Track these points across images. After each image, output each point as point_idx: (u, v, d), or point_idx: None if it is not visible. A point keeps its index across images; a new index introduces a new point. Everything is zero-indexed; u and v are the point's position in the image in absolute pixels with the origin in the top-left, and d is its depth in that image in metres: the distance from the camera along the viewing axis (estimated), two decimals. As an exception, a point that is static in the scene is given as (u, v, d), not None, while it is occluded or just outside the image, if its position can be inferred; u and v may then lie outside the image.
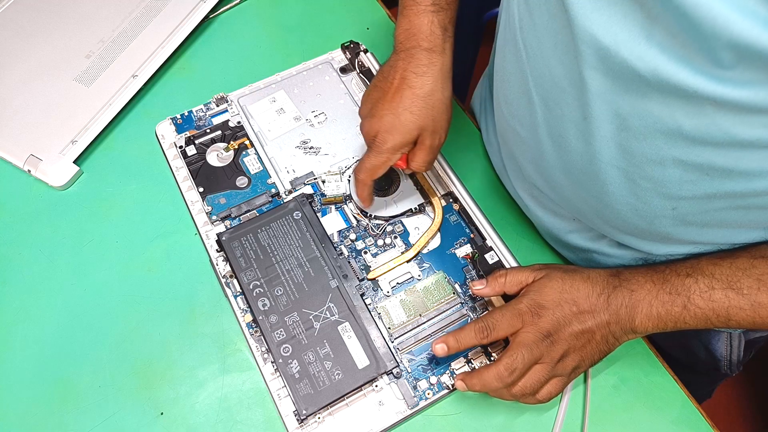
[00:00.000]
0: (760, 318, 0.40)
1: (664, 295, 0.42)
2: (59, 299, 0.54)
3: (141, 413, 0.49)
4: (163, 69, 0.67)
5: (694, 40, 0.30)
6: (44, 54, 0.66)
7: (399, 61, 0.49)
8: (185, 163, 0.59)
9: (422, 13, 0.49)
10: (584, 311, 0.43)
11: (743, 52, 0.29)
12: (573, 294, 0.44)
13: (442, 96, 0.49)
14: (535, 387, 0.44)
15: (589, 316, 0.43)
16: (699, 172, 0.37)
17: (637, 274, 0.44)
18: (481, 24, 1.19)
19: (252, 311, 0.51)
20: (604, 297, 0.44)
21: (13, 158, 0.60)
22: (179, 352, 0.52)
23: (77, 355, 0.52)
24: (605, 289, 0.44)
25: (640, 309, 0.43)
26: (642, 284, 0.43)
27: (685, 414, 0.50)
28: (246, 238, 0.54)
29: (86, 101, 0.63)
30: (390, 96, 0.48)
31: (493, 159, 0.61)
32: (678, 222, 0.41)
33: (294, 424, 0.47)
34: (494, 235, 0.55)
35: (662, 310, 0.42)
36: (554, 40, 0.39)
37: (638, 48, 0.33)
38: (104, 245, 0.57)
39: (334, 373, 0.48)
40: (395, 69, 0.49)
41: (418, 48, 0.49)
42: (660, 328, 0.43)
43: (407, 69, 0.49)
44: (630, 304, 0.43)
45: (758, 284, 0.40)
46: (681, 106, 0.34)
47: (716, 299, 0.41)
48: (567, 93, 0.40)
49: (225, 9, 0.72)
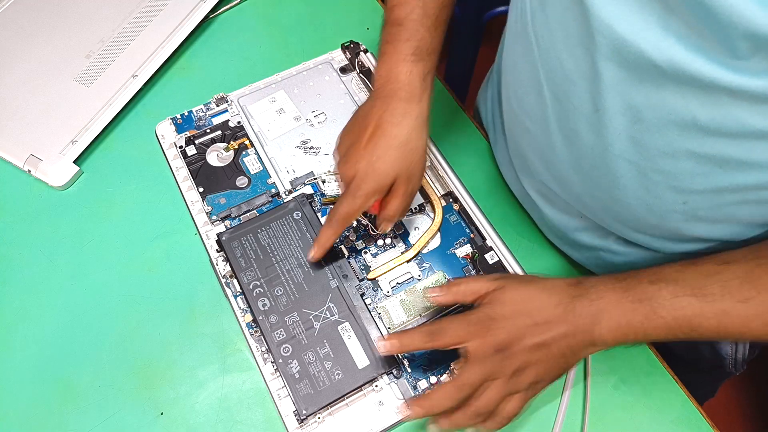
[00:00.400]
0: (724, 327, 0.38)
1: (626, 304, 0.39)
2: (59, 299, 0.54)
3: (141, 413, 0.49)
4: (163, 69, 0.67)
5: (711, 29, 0.30)
6: (44, 54, 0.66)
7: (375, 107, 0.48)
8: (185, 163, 0.59)
9: (402, 62, 0.48)
10: (540, 323, 0.40)
11: (760, 41, 0.29)
12: (528, 305, 0.41)
13: (416, 144, 0.48)
14: (490, 405, 0.40)
15: (545, 328, 0.40)
16: (712, 164, 0.37)
17: (598, 282, 0.41)
18: (481, 24, 1.19)
19: (252, 311, 0.51)
20: (562, 307, 0.41)
21: (13, 158, 0.60)
22: (179, 352, 0.52)
23: (77, 355, 0.52)
24: (563, 299, 0.41)
25: (601, 319, 0.40)
26: (603, 293, 0.40)
27: (685, 414, 0.50)
28: (246, 238, 0.54)
29: (86, 101, 0.63)
30: (365, 142, 0.47)
31: (499, 157, 0.61)
32: (689, 217, 0.41)
33: (294, 424, 0.47)
34: (494, 235, 0.55)
35: (623, 321, 0.39)
36: (566, 32, 0.39)
37: (655, 38, 0.33)
38: (104, 245, 0.57)
39: (334, 373, 0.48)
40: (371, 115, 0.48)
41: (395, 97, 0.48)
42: (620, 340, 0.40)
43: (383, 117, 0.47)
44: (591, 314, 0.40)
45: (722, 290, 0.38)
46: (696, 97, 0.34)
47: (680, 307, 0.38)
48: (578, 86, 0.40)
49: (225, 9, 0.72)
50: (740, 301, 0.37)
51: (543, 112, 0.45)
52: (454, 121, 0.64)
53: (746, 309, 0.37)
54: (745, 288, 0.37)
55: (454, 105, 0.65)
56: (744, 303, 0.37)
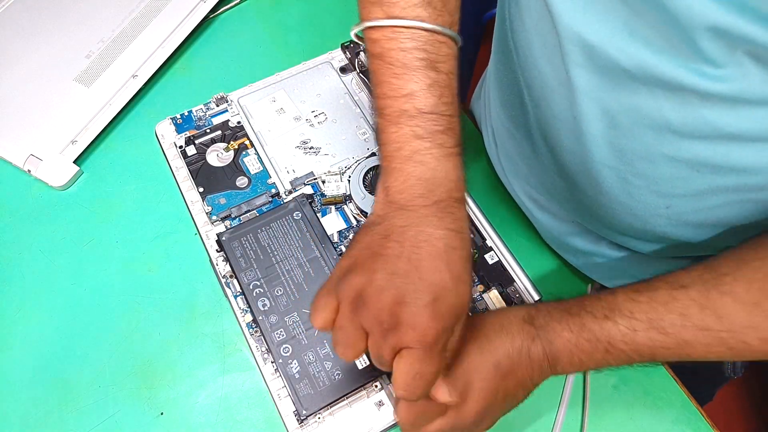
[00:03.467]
0: (686, 354, 0.37)
1: (583, 343, 0.38)
2: (59, 299, 0.54)
3: (141, 413, 0.49)
4: (163, 69, 0.67)
5: (675, 31, 0.30)
6: (44, 54, 0.66)
7: (425, 218, 0.35)
8: (185, 163, 0.59)
9: (449, 156, 0.37)
10: (507, 374, 0.39)
11: (721, 37, 0.29)
12: (495, 355, 0.39)
13: None
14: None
15: (512, 377, 0.39)
16: (689, 168, 0.36)
17: (551, 320, 0.39)
18: (481, 24, 1.19)
19: (252, 311, 0.51)
20: (525, 352, 0.39)
21: (13, 158, 0.60)
22: (179, 352, 0.52)
23: (77, 355, 0.52)
24: (524, 342, 0.39)
25: (560, 360, 0.39)
26: (559, 333, 0.39)
27: (685, 414, 0.50)
28: (246, 238, 0.54)
29: (86, 101, 0.63)
30: (428, 264, 0.33)
31: (494, 161, 0.61)
32: (673, 222, 0.41)
33: (294, 424, 0.47)
34: (494, 235, 0.55)
35: (584, 357, 0.39)
36: (543, 40, 0.39)
37: (622, 43, 0.33)
38: (104, 245, 0.57)
39: (334, 373, 0.48)
40: (420, 230, 0.34)
41: (451, 199, 0.36)
42: (583, 370, 0.40)
43: (439, 226, 0.35)
44: (551, 356, 0.39)
45: (682, 320, 0.36)
46: (667, 100, 0.33)
47: (639, 341, 0.37)
48: (557, 93, 0.39)
49: (225, 9, 0.72)
50: (701, 329, 0.36)
51: (526, 120, 0.45)
52: (454, 121, 0.64)
53: (707, 336, 0.36)
54: (705, 315, 0.35)
55: (454, 105, 0.65)
56: (705, 331, 0.36)
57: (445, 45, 0.37)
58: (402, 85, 0.36)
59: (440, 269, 0.33)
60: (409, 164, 0.36)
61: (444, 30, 0.37)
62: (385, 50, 0.37)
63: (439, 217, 0.35)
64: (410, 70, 0.36)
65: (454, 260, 0.34)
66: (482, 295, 0.52)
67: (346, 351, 0.35)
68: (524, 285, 0.52)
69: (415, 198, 0.36)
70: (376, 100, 0.38)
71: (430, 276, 0.33)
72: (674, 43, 0.31)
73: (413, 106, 0.36)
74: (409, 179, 0.36)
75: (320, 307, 0.36)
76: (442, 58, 0.37)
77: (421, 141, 0.36)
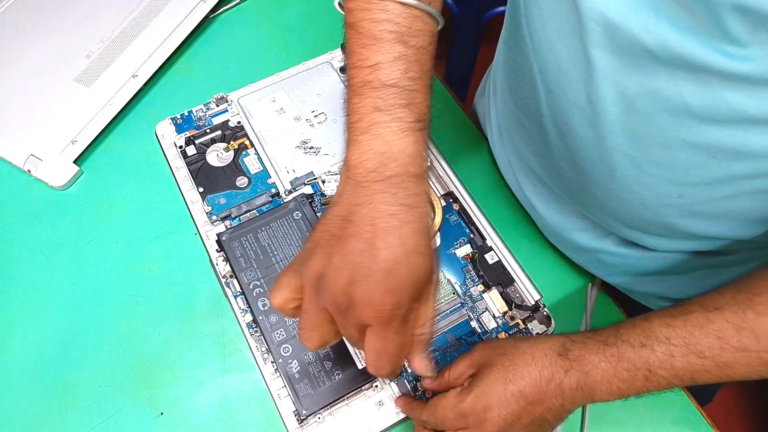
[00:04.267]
0: (726, 376, 0.37)
1: (622, 373, 0.38)
2: (59, 299, 0.54)
3: (141, 413, 0.49)
4: (163, 69, 0.67)
5: (701, 7, 0.30)
6: (44, 54, 0.66)
7: (378, 194, 0.35)
8: (185, 163, 0.59)
9: (407, 132, 0.36)
10: (534, 402, 0.39)
11: (747, 17, 0.29)
12: (519, 384, 0.39)
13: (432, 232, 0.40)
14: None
15: (539, 405, 0.39)
16: (706, 154, 0.36)
17: (587, 352, 0.40)
18: (481, 24, 1.19)
19: (252, 311, 0.51)
20: (556, 383, 0.39)
21: (13, 158, 0.60)
22: (179, 352, 0.52)
23: (77, 354, 0.52)
24: (555, 374, 0.39)
25: (598, 390, 0.39)
26: (596, 365, 0.39)
27: (685, 414, 0.50)
28: (246, 238, 0.54)
29: (86, 101, 0.63)
30: (381, 240, 0.34)
31: (498, 156, 0.61)
32: (684, 212, 0.41)
33: (294, 424, 0.47)
34: (494, 235, 0.55)
35: (623, 386, 0.39)
36: (559, 22, 0.38)
37: (646, 21, 0.33)
38: (104, 245, 0.57)
39: (334, 373, 0.48)
40: (365, 204, 0.35)
41: (406, 174, 0.36)
42: (623, 398, 0.40)
43: (392, 202, 0.35)
44: (586, 387, 0.39)
45: (719, 343, 0.36)
46: (688, 83, 0.33)
47: (678, 366, 0.37)
48: (571, 77, 0.39)
49: (225, 9, 0.72)
50: (740, 350, 0.36)
51: (537, 107, 0.44)
52: (454, 121, 0.64)
53: (746, 357, 0.36)
54: (743, 336, 0.36)
55: (454, 105, 0.65)
56: (744, 352, 0.36)
57: (419, 20, 0.37)
58: (369, 56, 0.36)
59: (393, 245, 0.34)
60: (366, 137, 0.36)
61: (419, 4, 0.37)
62: (357, 20, 0.37)
63: (392, 193, 0.35)
64: (379, 42, 0.36)
65: (407, 234, 0.34)
66: (482, 295, 0.52)
67: (310, 335, 0.36)
68: (524, 285, 0.52)
69: (369, 173, 0.36)
70: (348, 70, 0.38)
71: (382, 253, 0.33)
72: (699, 20, 0.31)
73: (377, 77, 0.36)
74: (365, 153, 0.36)
75: (281, 286, 0.36)
76: (414, 32, 0.37)
77: (380, 113, 0.36)
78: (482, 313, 0.52)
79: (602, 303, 0.55)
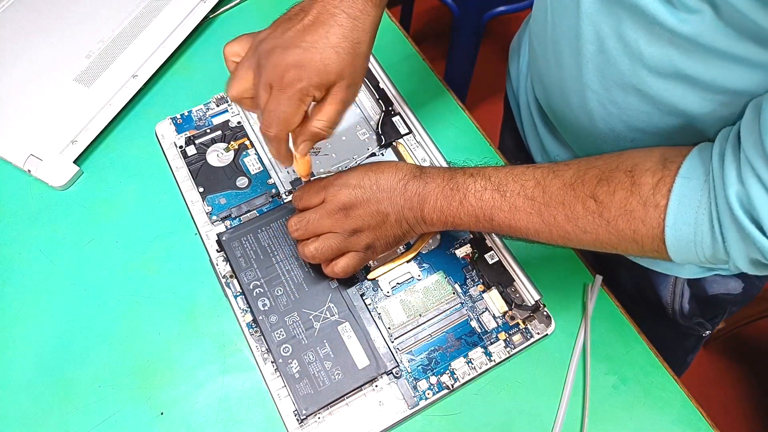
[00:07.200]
0: (514, 221, 0.44)
1: (447, 190, 0.46)
2: (59, 299, 0.54)
3: (141, 413, 0.49)
4: (163, 69, 0.67)
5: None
6: (44, 54, 0.66)
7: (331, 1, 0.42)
8: (185, 163, 0.59)
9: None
10: (383, 190, 0.47)
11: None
12: (377, 175, 0.48)
13: (366, 51, 0.44)
14: (327, 252, 0.47)
15: (386, 197, 0.47)
16: (652, 104, 0.42)
17: (434, 170, 0.48)
18: (481, 24, 1.19)
19: (252, 311, 0.51)
20: (403, 183, 0.47)
21: (13, 158, 0.60)
22: (179, 352, 0.52)
23: (77, 354, 0.52)
24: (406, 176, 0.47)
25: (428, 199, 0.46)
26: (434, 178, 0.47)
27: (685, 414, 0.50)
28: (246, 238, 0.54)
29: (86, 101, 0.63)
30: (313, 28, 0.41)
31: (521, 100, 0.66)
32: None
33: (294, 424, 0.47)
34: (494, 234, 0.55)
35: (444, 204, 0.46)
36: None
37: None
38: (104, 245, 0.57)
39: (334, 373, 0.48)
40: (319, 2, 0.42)
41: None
42: (443, 221, 0.47)
43: (338, 6, 0.42)
44: (421, 193, 0.47)
45: (519, 188, 0.43)
46: (645, 32, 0.38)
47: (485, 199, 0.44)
48: (569, 11, 0.44)
49: (225, 9, 0.72)
50: (529, 198, 0.43)
51: (544, 35, 0.50)
52: (453, 119, 0.64)
53: (530, 206, 0.43)
54: (536, 189, 0.43)
55: (454, 105, 0.65)
56: (530, 201, 0.43)
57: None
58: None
59: (319, 35, 0.41)
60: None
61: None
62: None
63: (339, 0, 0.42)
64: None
65: (335, 33, 0.41)
66: (482, 295, 0.52)
67: (233, 83, 0.44)
68: (524, 285, 0.52)
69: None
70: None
71: (308, 36, 0.41)
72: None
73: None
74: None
75: (239, 78, 0.44)
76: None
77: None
78: (482, 313, 0.52)
79: (602, 303, 0.55)
